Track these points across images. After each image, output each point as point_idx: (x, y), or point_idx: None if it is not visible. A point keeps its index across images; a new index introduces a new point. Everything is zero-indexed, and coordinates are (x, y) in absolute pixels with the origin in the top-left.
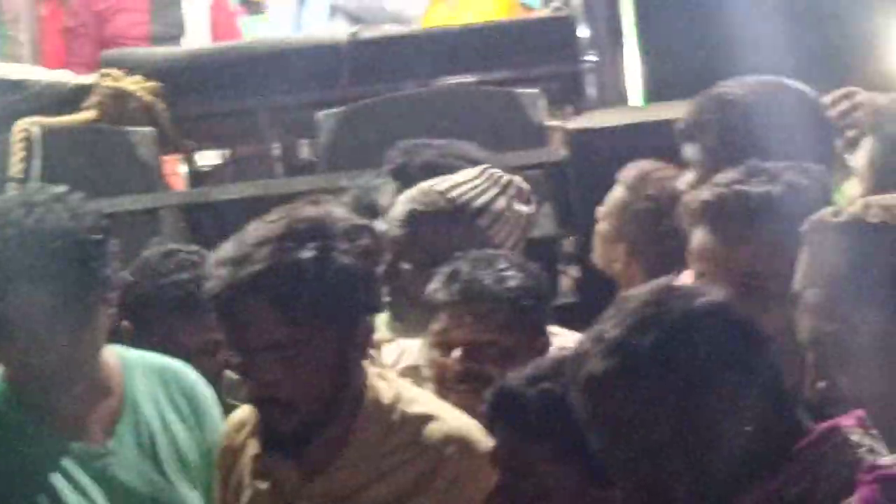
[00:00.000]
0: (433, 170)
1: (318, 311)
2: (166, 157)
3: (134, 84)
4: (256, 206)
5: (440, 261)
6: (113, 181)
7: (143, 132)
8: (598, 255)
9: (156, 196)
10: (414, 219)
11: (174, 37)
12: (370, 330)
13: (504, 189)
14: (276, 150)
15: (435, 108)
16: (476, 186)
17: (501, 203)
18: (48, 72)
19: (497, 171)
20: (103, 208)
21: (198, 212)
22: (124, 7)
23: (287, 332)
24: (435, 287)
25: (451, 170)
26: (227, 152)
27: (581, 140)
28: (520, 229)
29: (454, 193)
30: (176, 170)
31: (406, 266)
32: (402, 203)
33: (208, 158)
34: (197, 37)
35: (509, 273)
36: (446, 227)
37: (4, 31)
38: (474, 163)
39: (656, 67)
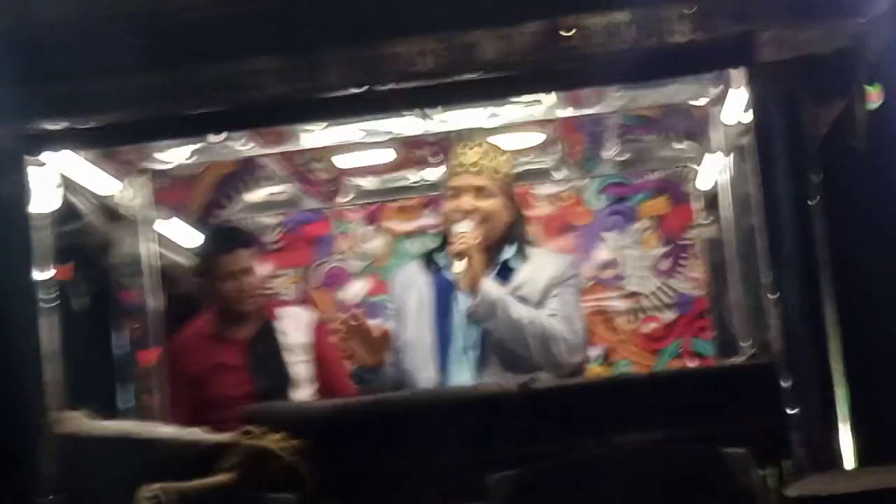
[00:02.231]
0: None
1: None
2: None
3: (275, 442)
4: None
5: None
6: None
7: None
8: None
9: None
10: None
11: (280, 388)
12: None
13: None
14: None
15: (623, 468)
16: None
17: None
18: (181, 430)
19: None
20: None
21: None
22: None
23: None
24: None
25: None
26: None
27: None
28: None
29: None
30: None
31: None
32: None
33: None
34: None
35: None
36: None
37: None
38: None
39: (869, 425)
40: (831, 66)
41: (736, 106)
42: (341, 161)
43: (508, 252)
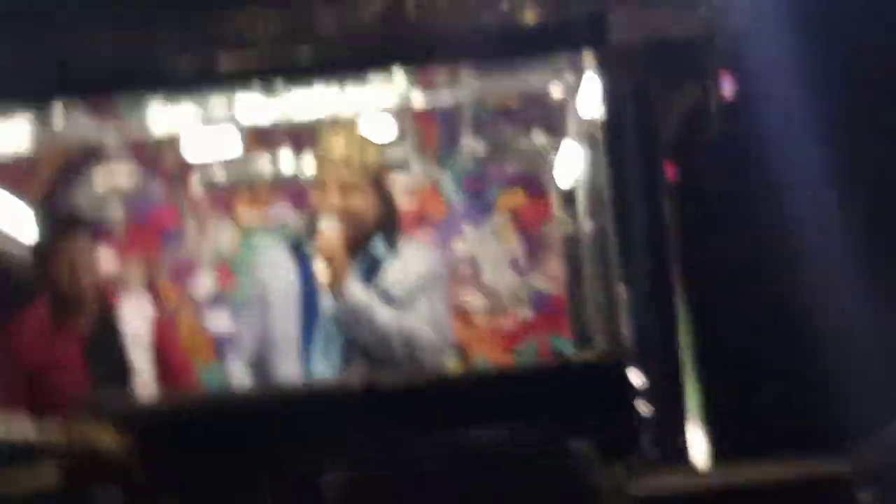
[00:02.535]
0: None
1: None
2: None
3: (105, 437)
4: None
5: None
6: None
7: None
8: None
9: None
10: None
11: (121, 382)
12: None
13: None
14: None
15: (465, 465)
16: None
17: None
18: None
19: None
20: None
21: None
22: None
23: None
24: None
25: None
26: None
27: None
28: None
29: None
30: None
31: None
32: None
33: None
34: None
35: None
36: None
37: None
38: None
39: (723, 423)
40: (684, 53)
41: (592, 96)
42: (188, 148)
43: (377, 248)
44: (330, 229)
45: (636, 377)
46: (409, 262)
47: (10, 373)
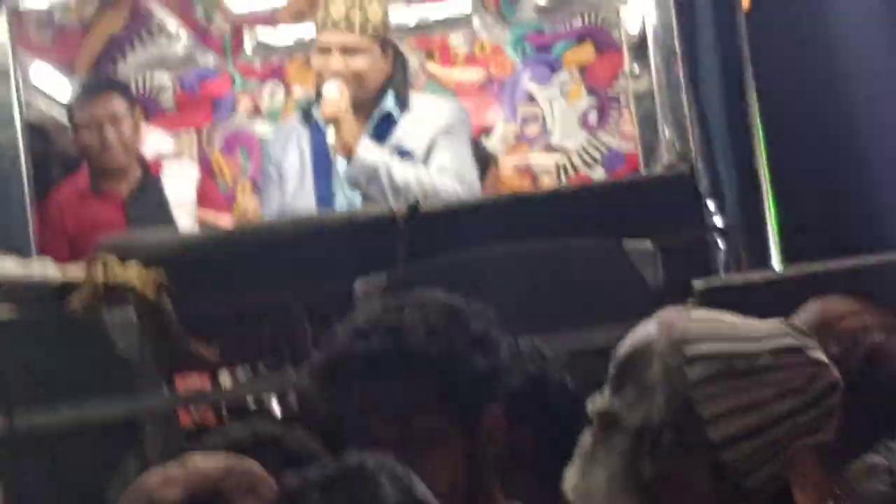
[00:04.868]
0: None
1: None
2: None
3: (132, 274)
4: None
5: None
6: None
7: (121, 319)
8: None
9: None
10: None
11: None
12: None
13: None
14: None
15: (517, 267)
16: None
17: None
18: (24, 262)
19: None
20: None
21: None
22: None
23: None
24: None
25: None
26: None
27: (710, 299)
28: None
29: None
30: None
31: None
32: None
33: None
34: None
35: None
36: None
37: None
38: None
39: (792, 230)
40: None
41: None
42: (236, 5)
43: (387, 104)
44: (332, 93)
45: (706, 188)
46: (423, 116)
47: (51, 238)
